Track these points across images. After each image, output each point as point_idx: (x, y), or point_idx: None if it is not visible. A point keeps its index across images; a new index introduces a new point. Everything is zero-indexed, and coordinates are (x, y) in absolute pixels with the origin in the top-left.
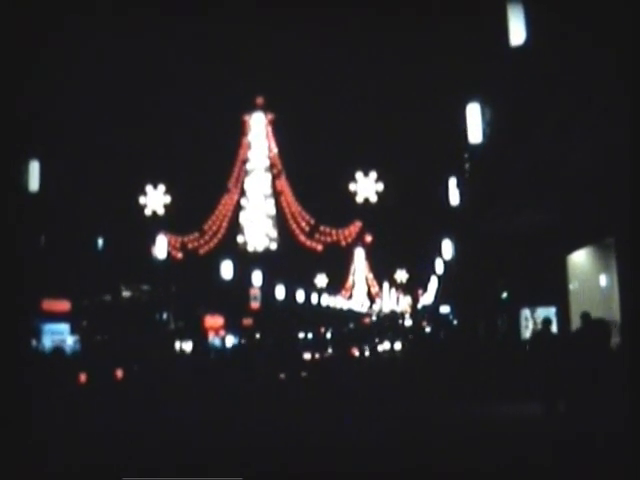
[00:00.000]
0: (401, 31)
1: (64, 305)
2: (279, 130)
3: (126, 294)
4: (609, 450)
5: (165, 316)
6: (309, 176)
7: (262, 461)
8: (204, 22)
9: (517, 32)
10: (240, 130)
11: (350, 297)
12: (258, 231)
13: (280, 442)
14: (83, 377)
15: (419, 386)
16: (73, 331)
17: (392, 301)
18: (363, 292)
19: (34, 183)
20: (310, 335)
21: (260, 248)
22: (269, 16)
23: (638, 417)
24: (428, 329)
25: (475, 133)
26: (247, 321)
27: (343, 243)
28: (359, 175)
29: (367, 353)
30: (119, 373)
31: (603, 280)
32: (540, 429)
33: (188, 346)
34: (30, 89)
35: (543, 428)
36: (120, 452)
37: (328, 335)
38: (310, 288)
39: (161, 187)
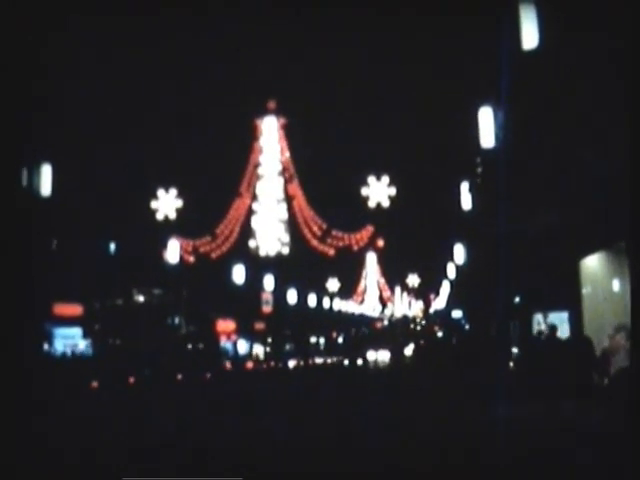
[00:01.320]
0: (414, 35)
1: (76, 309)
2: (291, 134)
3: (138, 298)
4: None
5: (177, 320)
6: (321, 180)
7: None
8: (216, 25)
9: (530, 36)
10: (252, 134)
11: (362, 302)
12: (270, 235)
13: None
14: (95, 382)
15: (431, 390)
16: (86, 335)
17: (404, 306)
18: (375, 297)
19: (46, 187)
20: (322, 340)
21: (272, 252)
22: (282, 19)
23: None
24: (440, 334)
25: (487, 137)
26: (259, 325)
27: (355, 248)
28: (371, 179)
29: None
30: (131, 379)
31: (616, 285)
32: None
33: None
34: (41, 93)
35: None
36: (120, 452)
37: (340, 340)
38: (322, 292)
39: (173, 191)
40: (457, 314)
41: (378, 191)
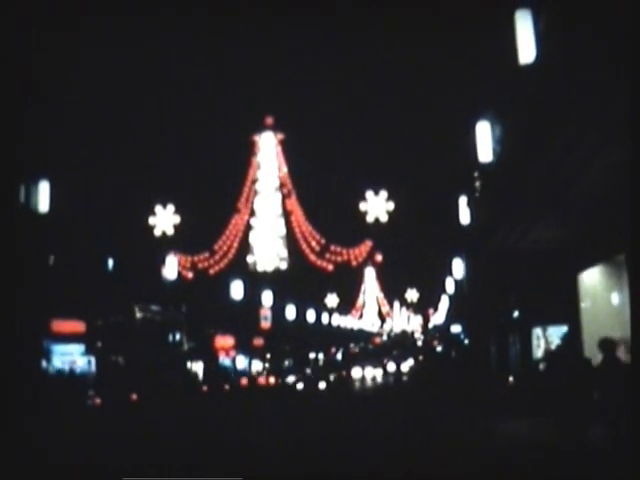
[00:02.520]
0: (411, 50)
1: (74, 326)
2: (289, 150)
3: (140, 315)
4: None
5: (178, 336)
6: (319, 196)
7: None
8: (214, 43)
9: (526, 50)
10: (250, 150)
11: (361, 317)
12: (268, 251)
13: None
14: (98, 400)
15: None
16: (88, 352)
17: (403, 320)
18: (374, 312)
19: (44, 204)
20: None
21: (270, 268)
22: (278, 36)
23: None
24: (439, 348)
25: (485, 151)
26: (258, 341)
27: (354, 263)
28: (369, 194)
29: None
30: (134, 396)
31: (615, 298)
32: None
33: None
34: (39, 110)
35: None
36: (121, 453)
37: (339, 356)
38: (321, 308)
39: (170, 207)
40: (456, 329)
41: (376, 206)
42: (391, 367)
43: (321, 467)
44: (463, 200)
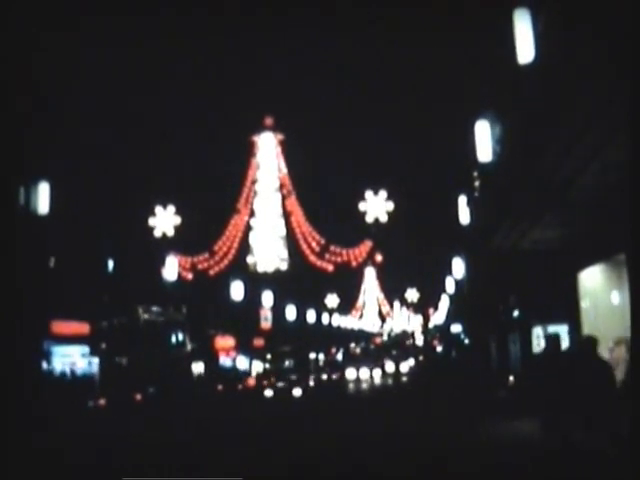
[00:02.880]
0: (410, 49)
1: (75, 327)
2: (288, 150)
3: (144, 316)
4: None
5: (181, 337)
6: (319, 196)
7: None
8: (214, 43)
9: (525, 50)
10: (249, 151)
11: (361, 317)
12: (268, 251)
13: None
14: (102, 401)
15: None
16: (92, 353)
17: (403, 320)
18: (374, 312)
19: (44, 205)
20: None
21: (270, 268)
22: (278, 36)
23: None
24: (439, 348)
25: (484, 151)
26: (258, 341)
27: (353, 263)
28: (369, 194)
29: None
30: (138, 396)
31: (615, 297)
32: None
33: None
34: (39, 110)
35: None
36: (121, 453)
37: (339, 356)
38: (321, 308)
39: (171, 208)
40: (456, 328)
41: (376, 206)
42: (390, 367)
43: None
44: (463, 200)
